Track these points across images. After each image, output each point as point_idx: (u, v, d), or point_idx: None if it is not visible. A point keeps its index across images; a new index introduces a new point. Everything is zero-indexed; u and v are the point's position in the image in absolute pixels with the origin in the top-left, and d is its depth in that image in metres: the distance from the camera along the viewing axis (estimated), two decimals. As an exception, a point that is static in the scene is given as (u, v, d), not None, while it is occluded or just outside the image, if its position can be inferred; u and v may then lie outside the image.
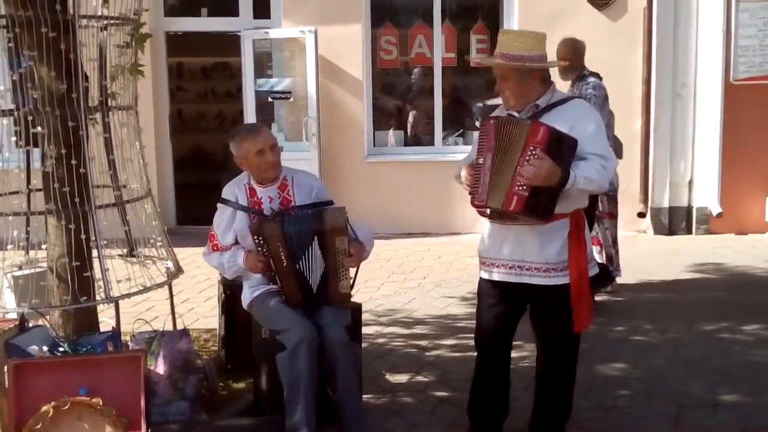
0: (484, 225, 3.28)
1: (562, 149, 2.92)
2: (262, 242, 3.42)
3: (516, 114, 3.12)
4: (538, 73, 3.07)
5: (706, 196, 7.96)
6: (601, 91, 5.19)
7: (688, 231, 8.08)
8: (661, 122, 7.96)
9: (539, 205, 2.92)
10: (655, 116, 7.96)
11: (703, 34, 7.85)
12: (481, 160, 3.02)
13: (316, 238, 3.39)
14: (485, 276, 3.25)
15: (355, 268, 3.56)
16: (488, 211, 3.08)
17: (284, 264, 3.40)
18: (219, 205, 3.63)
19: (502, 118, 3.05)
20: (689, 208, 8.09)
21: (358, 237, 3.54)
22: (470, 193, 3.05)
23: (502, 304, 3.22)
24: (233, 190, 3.61)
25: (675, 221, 8.10)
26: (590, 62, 7.82)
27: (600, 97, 5.16)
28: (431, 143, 8.54)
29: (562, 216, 3.06)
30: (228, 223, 3.57)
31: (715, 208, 7.86)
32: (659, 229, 8.09)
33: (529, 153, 2.86)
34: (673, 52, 7.89)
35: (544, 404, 3.30)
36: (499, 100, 3.25)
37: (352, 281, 3.57)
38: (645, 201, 8.12)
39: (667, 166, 8.02)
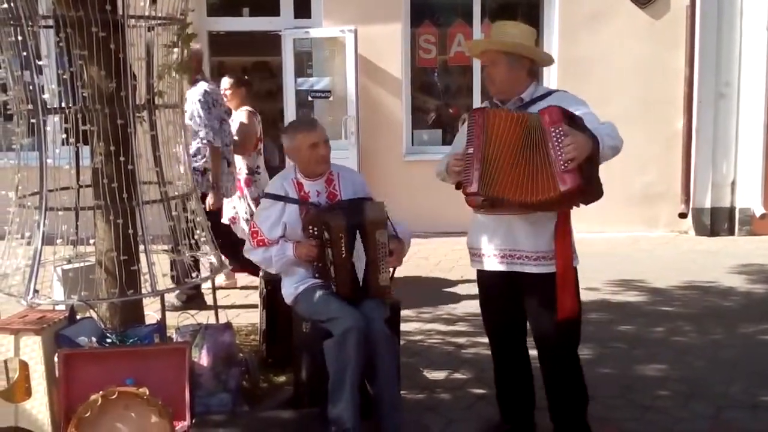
0: (471, 219, 3.29)
1: (575, 118, 2.93)
2: (316, 233, 3.48)
3: (500, 104, 3.15)
4: (527, 63, 3.12)
5: (749, 197, 7.84)
6: (208, 97, 5.30)
7: (731, 232, 7.96)
8: (704, 122, 7.84)
9: (592, 173, 2.90)
10: (698, 116, 7.85)
11: (747, 32, 7.72)
12: (471, 150, 2.99)
13: (358, 230, 3.44)
14: (479, 267, 3.28)
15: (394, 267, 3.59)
16: (480, 200, 3.02)
17: (343, 255, 3.44)
18: (264, 200, 3.67)
19: (491, 111, 3.02)
20: (732, 209, 7.97)
21: (398, 233, 3.58)
22: (462, 182, 3.02)
23: (501, 293, 3.25)
24: (281, 184, 3.65)
25: (717, 222, 7.98)
26: (632, 61, 7.84)
27: (206, 102, 5.29)
28: (469, 142, 8.53)
29: None
30: (278, 216, 3.59)
31: (758, 209, 7.74)
32: (701, 230, 7.98)
33: (554, 135, 2.84)
34: (717, 51, 7.78)
35: (555, 394, 3.29)
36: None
37: (390, 275, 3.61)
38: (686, 201, 8.02)
39: (710, 167, 7.91)
